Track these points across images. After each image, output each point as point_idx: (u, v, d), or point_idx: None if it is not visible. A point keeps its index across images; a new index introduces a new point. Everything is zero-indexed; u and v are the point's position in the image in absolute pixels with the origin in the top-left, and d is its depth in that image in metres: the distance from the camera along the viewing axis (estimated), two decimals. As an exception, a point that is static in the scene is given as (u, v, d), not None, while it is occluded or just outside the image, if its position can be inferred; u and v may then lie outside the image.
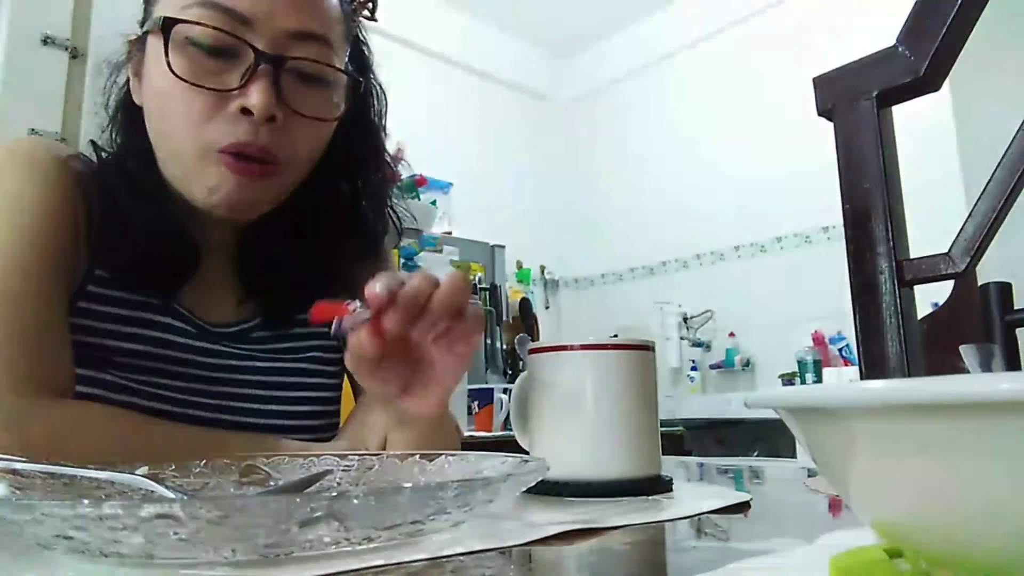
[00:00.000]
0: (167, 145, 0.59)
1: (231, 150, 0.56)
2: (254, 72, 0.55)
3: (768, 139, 3.15)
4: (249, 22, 0.55)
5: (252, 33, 0.56)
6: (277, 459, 0.46)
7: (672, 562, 0.34)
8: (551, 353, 0.54)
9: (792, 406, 0.23)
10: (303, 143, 0.59)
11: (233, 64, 0.56)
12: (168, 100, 0.57)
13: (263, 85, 0.55)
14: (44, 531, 0.27)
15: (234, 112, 0.55)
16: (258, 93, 0.55)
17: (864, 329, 0.82)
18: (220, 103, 0.56)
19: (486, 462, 0.43)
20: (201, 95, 0.55)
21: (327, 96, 0.60)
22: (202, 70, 0.55)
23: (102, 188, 0.64)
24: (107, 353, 0.61)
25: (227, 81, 0.56)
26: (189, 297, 0.67)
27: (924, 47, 0.80)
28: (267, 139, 0.56)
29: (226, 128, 0.56)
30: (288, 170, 0.60)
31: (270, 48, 0.56)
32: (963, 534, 0.20)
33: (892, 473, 0.20)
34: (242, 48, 0.55)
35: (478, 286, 3.08)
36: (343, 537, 0.28)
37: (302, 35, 0.57)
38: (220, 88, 0.55)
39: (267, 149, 0.57)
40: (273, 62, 0.56)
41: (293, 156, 0.59)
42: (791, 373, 2.90)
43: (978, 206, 0.81)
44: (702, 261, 3.47)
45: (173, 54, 0.55)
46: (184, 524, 0.25)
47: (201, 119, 0.56)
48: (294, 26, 0.57)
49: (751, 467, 0.82)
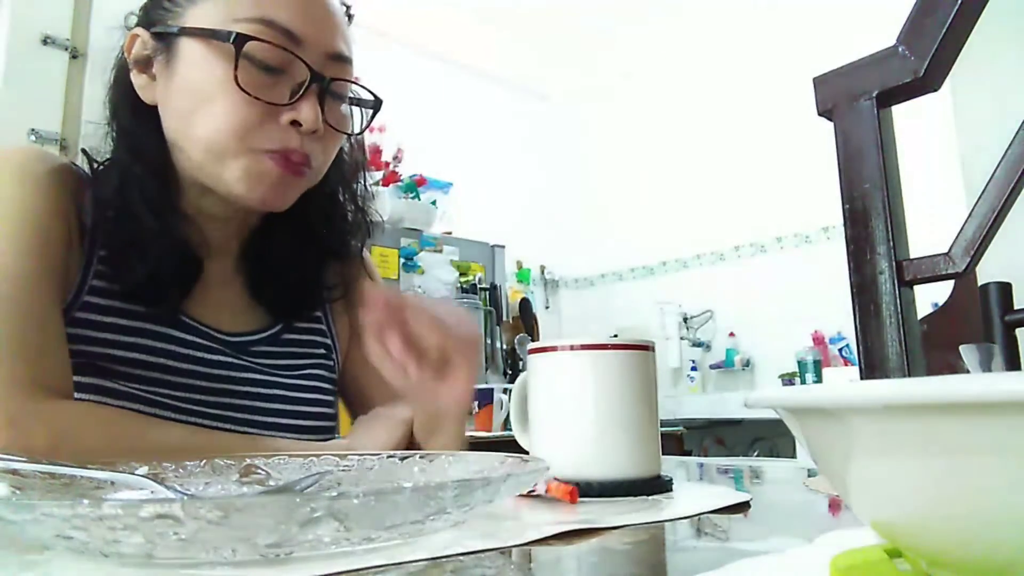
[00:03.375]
0: (210, 142, 0.60)
1: (279, 153, 0.61)
2: (306, 90, 0.60)
3: (768, 139, 3.15)
4: (300, 42, 0.60)
5: (301, 52, 0.61)
6: (277, 459, 0.46)
7: (672, 562, 0.34)
8: (551, 353, 0.54)
9: (792, 406, 0.23)
10: (330, 152, 0.66)
11: (282, 79, 0.61)
12: (214, 104, 0.59)
13: (312, 103, 0.60)
14: (44, 531, 0.27)
15: (285, 124, 0.60)
16: (308, 109, 0.60)
17: (864, 329, 0.82)
18: (272, 113, 0.60)
19: (486, 462, 0.43)
20: (255, 105, 0.59)
21: (346, 110, 0.67)
22: (256, 82, 0.59)
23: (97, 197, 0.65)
24: (108, 362, 0.62)
25: (278, 95, 0.60)
26: (192, 302, 0.68)
27: (924, 47, 0.80)
28: (310, 148, 0.62)
29: (276, 136, 0.61)
30: (316, 174, 0.65)
31: (316, 67, 0.61)
32: (963, 534, 0.20)
33: (892, 473, 0.20)
34: (294, 66, 0.61)
35: (478, 286, 3.08)
36: (343, 537, 0.28)
37: (339, 57, 0.63)
38: (274, 102, 0.60)
39: (309, 157, 0.62)
40: (318, 81, 0.61)
41: (323, 163, 0.66)
42: (791, 373, 2.90)
43: (978, 206, 0.81)
44: (702, 261, 3.47)
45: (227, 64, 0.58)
46: (184, 524, 0.25)
47: (252, 126, 0.60)
48: (334, 49, 0.63)
49: (751, 467, 0.82)
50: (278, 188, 0.62)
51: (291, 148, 0.61)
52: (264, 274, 0.73)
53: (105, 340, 0.62)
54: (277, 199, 0.63)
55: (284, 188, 0.63)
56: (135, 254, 0.63)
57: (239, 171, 0.61)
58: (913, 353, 0.78)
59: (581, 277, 3.99)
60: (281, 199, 0.64)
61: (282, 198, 0.64)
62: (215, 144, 0.60)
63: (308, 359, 0.75)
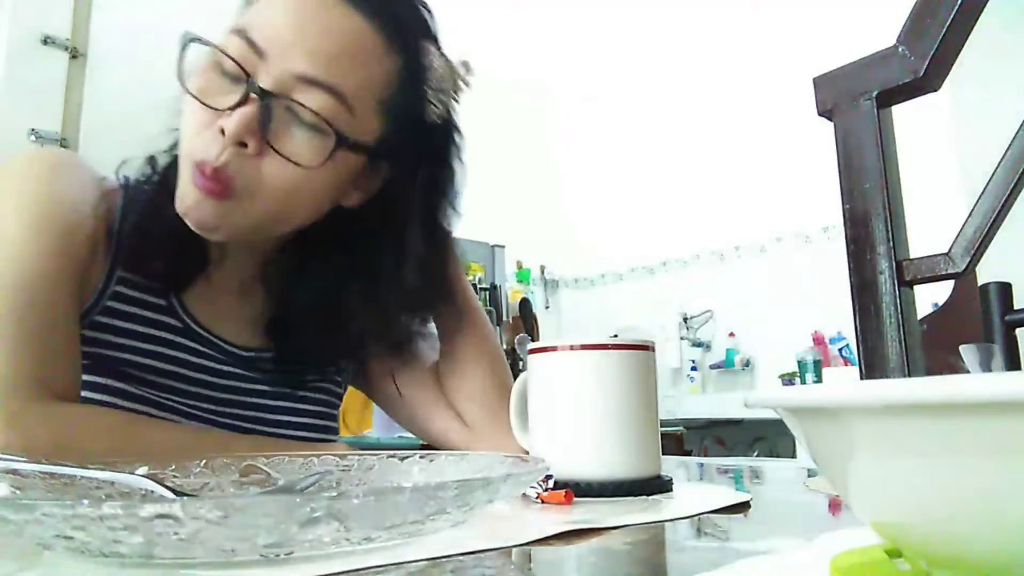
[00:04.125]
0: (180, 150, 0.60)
1: (198, 165, 0.56)
2: (244, 99, 0.56)
3: (768, 139, 3.15)
4: (262, 53, 0.56)
5: (264, 66, 0.56)
6: (277, 459, 0.46)
7: (672, 562, 0.34)
8: (551, 353, 0.54)
9: (792, 406, 0.23)
10: (273, 180, 0.57)
11: (237, 91, 0.56)
12: (185, 111, 0.59)
13: (245, 111, 0.55)
14: (44, 531, 0.27)
15: (215, 130, 0.56)
16: (236, 118, 0.55)
17: (864, 329, 0.82)
18: (211, 120, 0.56)
19: (486, 462, 0.43)
20: (200, 111, 0.57)
21: (317, 145, 0.58)
22: (210, 88, 0.57)
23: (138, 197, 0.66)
24: (124, 365, 0.63)
25: (223, 102, 0.56)
26: (207, 313, 0.69)
27: (924, 47, 0.80)
28: (228, 161, 0.56)
29: (204, 143, 0.56)
30: (249, 201, 0.58)
31: (275, 84, 0.56)
32: (963, 534, 0.20)
33: (892, 473, 0.20)
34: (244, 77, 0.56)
35: (478, 286, 3.08)
36: (343, 537, 0.28)
37: (309, 80, 0.57)
38: (214, 106, 0.56)
39: (221, 172, 0.56)
40: (261, 95, 0.56)
41: (258, 188, 0.57)
42: (791, 373, 2.90)
43: (978, 206, 0.80)
44: (702, 261, 3.47)
45: (193, 71, 0.58)
46: (184, 524, 0.25)
47: (194, 131, 0.57)
48: (302, 69, 0.56)
49: (751, 467, 0.82)
50: (196, 208, 0.57)
51: (206, 160, 0.56)
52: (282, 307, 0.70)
53: (123, 345, 0.63)
54: (202, 218, 0.58)
55: (202, 209, 0.57)
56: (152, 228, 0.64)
57: (180, 182, 0.59)
58: (913, 353, 0.78)
59: (581, 277, 3.99)
60: (207, 219, 0.58)
61: (207, 219, 0.58)
62: (181, 151, 0.60)
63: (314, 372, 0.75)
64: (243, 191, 0.57)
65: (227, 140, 0.55)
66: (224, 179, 0.56)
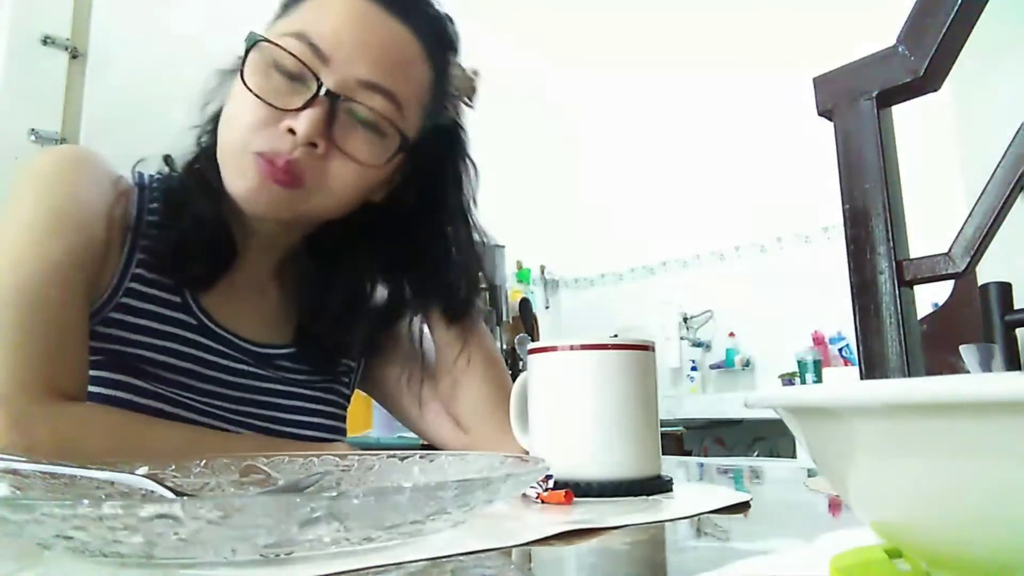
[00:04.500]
0: (222, 141, 0.63)
1: (266, 156, 0.59)
2: (312, 101, 0.59)
3: (768, 139, 3.15)
4: (327, 59, 0.60)
5: (327, 70, 0.60)
6: (277, 459, 0.46)
7: (672, 562, 0.34)
8: (551, 353, 0.54)
9: (792, 406, 0.23)
10: (337, 178, 0.62)
11: (301, 91, 0.60)
12: (236, 105, 0.62)
13: (313, 113, 0.59)
14: (44, 531, 0.27)
15: (282, 129, 0.59)
16: (306, 118, 0.59)
17: (864, 329, 0.82)
18: (275, 118, 0.60)
19: (486, 462, 0.43)
20: (262, 108, 0.60)
21: (378, 144, 0.63)
22: (271, 88, 0.60)
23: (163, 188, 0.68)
24: (139, 362, 0.64)
25: (289, 103, 0.60)
26: (224, 310, 0.69)
27: (924, 47, 0.80)
28: (300, 158, 0.60)
29: (270, 138, 0.60)
30: (315, 196, 0.62)
31: (339, 87, 0.60)
32: (963, 534, 0.20)
33: (892, 473, 0.20)
34: (311, 79, 0.60)
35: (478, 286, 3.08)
36: (343, 537, 0.28)
37: (371, 85, 0.61)
38: (280, 106, 0.60)
39: (295, 165, 0.60)
40: (330, 97, 0.59)
41: (322, 186, 0.62)
42: (791, 373, 2.90)
43: (978, 206, 0.80)
44: (702, 261, 3.47)
45: (255, 72, 0.60)
46: (184, 524, 0.25)
47: (254, 126, 0.60)
48: (366, 76, 0.61)
49: (751, 467, 0.82)
50: (260, 191, 0.60)
51: (278, 152, 0.59)
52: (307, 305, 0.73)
53: (137, 342, 0.64)
54: (260, 205, 0.61)
55: (267, 194, 0.60)
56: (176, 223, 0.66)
57: (232, 170, 0.62)
58: (913, 353, 0.78)
59: (581, 277, 3.99)
60: (265, 206, 0.62)
61: (267, 206, 0.61)
62: (224, 142, 0.63)
63: (328, 372, 0.77)
64: (312, 185, 0.61)
65: (300, 140, 0.59)
66: (297, 172, 0.60)
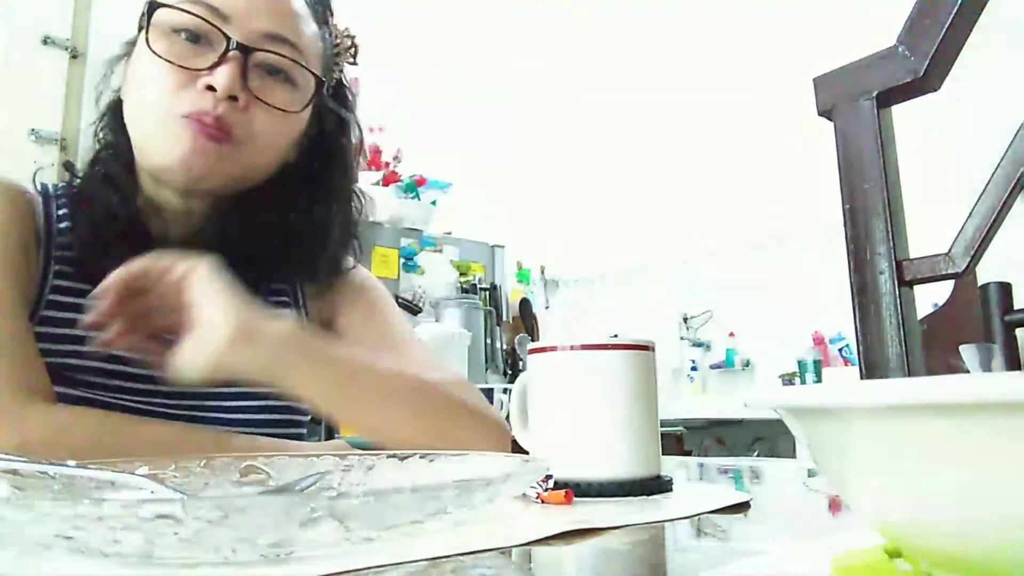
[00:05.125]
0: (138, 116, 0.63)
1: (193, 116, 0.60)
2: (223, 57, 0.60)
3: (768, 139, 3.15)
4: (226, 17, 0.61)
5: (229, 27, 0.61)
6: (277, 459, 0.46)
7: (672, 562, 0.34)
8: (551, 353, 0.54)
9: (792, 406, 0.23)
10: (263, 129, 0.63)
11: (209, 51, 0.61)
12: (147, 77, 0.62)
13: (229, 67, 0.60)
14: (44, 531, 0.27)
15: (201, 88, 0.60)
16: (223, 73, 0.60)
17: (864, 329, 0.82)
18: (191, 80, 0.60)
19: (486, 462, 0.43)
20: (175, 72, 0.60)
21: (292, 93, 0.65)
22: (179, 51, 0.61)
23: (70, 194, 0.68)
24: (68, 371, 0.62)
25: (199, 63, 0.61)
26: None
27: (924, 47, 0.80)
28: (225, 112, 0.60)
29: (192, 98, 0.60)
30: (246, 150, 0.63)
31: (246, 41, 0.61)
32: (963, 534, 0.20)
33: (892, 473, 0.20)
34: (217, 37, 0.61)
35: (478, 286, 3.08)
36: (343, 537, 0.28)
37: (274, 37, 0.63)
38: (191, 67, 0.60)
39: (223, 120, 0.60)
40: (241, 50, 0.61)
41: (251, 137, 0.63)
42: (791, 373, 2.90)
43: (978, 206, 0.80)
44: (702, 261, 3.47)
45: (156, 38, 0.61)
46: (184, 524, 0.25)
47: (172, 90, 0.60)
48: (267, 27, 0.63)
49: (751, 467, 0.82)
50: (198, 155, 0.60)
51: (204, 110, 0.60)
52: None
53: (64, 351, 0.62)
54: (199, 166, 0.61)
55: (205, 155, 0.60)
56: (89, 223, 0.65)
57: (162, 140, 0.61)
58: (913, 353, 0.78)
59: (581, 277, 3.99)
60: (204, 167, 0.61)
61: (205, 166, 0.61)
62: (142, 118, 0.63)
63: None
64: (241, 139, 0.62)
65: (220, 94, 0.59)
66: (226, 127, 0.61)
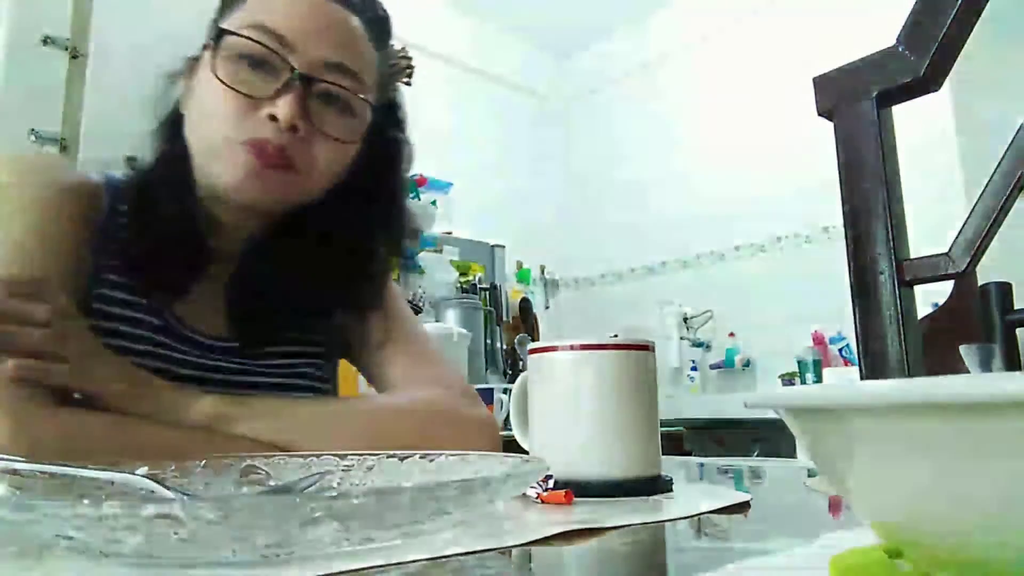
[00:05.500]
0: (201, 139, 0.64)
1: (254, 143, 0.61)
2: (286, 87, 0.61)
3: (768, 139, 3.15)
4: (290, 46, 0.62)
5: (293, 56, 0.62)
6: (277, 459, 0.46)
7: (672, 562, 0.34)
8: (551, 353, 0.54)
9: (792, 406, 0.23)
10: (321, 157, 0.64)
11: (271, 78, 0.62)
12: (210, 101, 0.63)
13: (291, 98, 0.61)
14: (44, 531, 0.27)
15: (263, 117, 0.61)
16: (285, 104, 0.61)
17: (864, 329, 0.82)
18: (253, 108, 0.61)
19: (486, 462, 0.43)
20: (237, 98, 0.61)
21: (349, 122, 0.66)
22: (243, 78, 0.62)
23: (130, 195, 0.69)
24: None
25: (262, 91, 0.62)
26: (187, 309, 0.69)
27: (924, 47, 0.80)
28: (287, 143, 0.62)
29: (254, 126, 0.61)
30: (303, 177, 0.64)
31: (308, 70, 0.62)
32: (963, 534, 0.20)
33: (892, 473, 0.20)
34: (281, 66, 0.62)
35: (478, 286, 3.08)
36: (343, 537, 0.28)
37: (335, 66, 0.64)
38: (255, 95, 0.61)
39: (284, 149, 0.62)
40: (303, 80, 0.62)
41: (310, 167, 0.64)
42: (791, 373, 2.90)
43: (978, 206, 0.80)
44: (702, 261, 3.47)
45: (221, 64, 0.62)
46: (184, 524, 0.25)
47: (235, 117, 0.61)
48: (329, 57, 0.64)
49: (751, 467, 0.82)
50: (256, 180, 0.62)
51: (265, 138, 0.61)
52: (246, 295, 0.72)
53: (108, 346, 0.63)
54: (257, 191, 0.63)
55: (264, 181, 0.62)
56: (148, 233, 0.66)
57: (222, 164, 0.62)
58: (913, 353, 0.78)
59: (581, 277, 3.99)
60: (261, 191, 0.63)
61: (262, 190, 0.63)
62: (203, 139, 0.64)
63: (299, 357, 0.76)
64: (299, 168, 0.63)
65: (283, 124, 0.61)
66: (286, 156, 0.62)
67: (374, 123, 0.70)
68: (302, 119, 0.62)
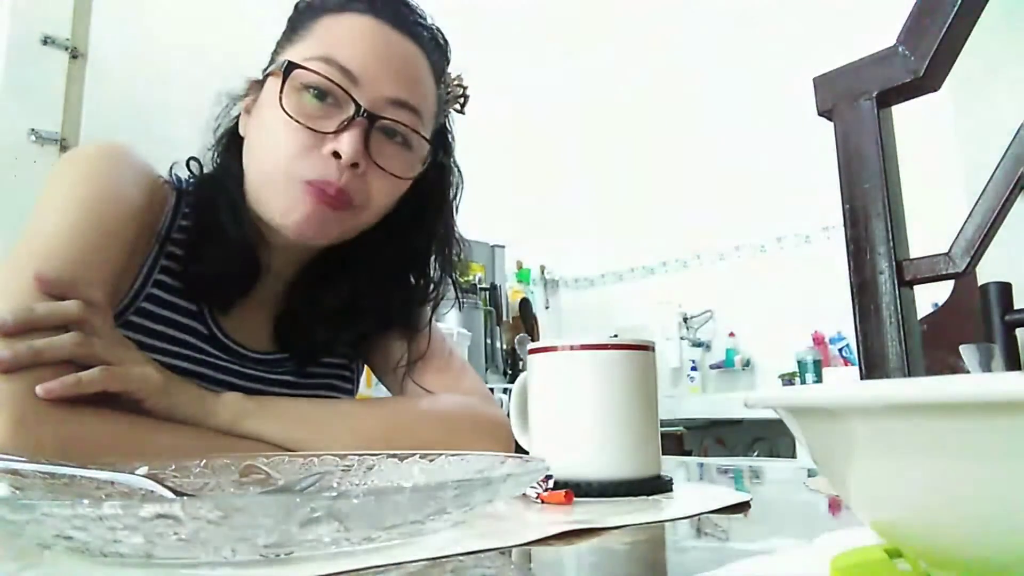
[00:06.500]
0: (261, 169, 0.65)
1: (316, 184, 0.61)
2: (350, 123, 0.62)
3: (768, 139, 3.15)
4: (357, 81, 0.63)
5: (357, 90, 0.63)
6: (277, 459, 0.46)
7: (672, 562, 0.34)
8: (551, 353, 0.54)
9: (792, 406, 0.23)
10: (377, 193, 0.65)
11: (335, 113, 0.62)
12: (273, 132, 0.63)
13: (354, 135, 0.61)
14: (44, 531, 0.27)
15: (326, 153, 0.61)
16: (349, 141, 0.61)
17: (864, 329, 0.82)
18: (316, 143, 0.62)
19: (486, 462, 0.43)
20: (302, 132, 0.62)
21: (407, 158, 0.67)
22: (307, 112, 0.62)
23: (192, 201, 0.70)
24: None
25: (326, 126, 0.62)
26: (231, 323, 0.71)
27: (924, 47, 0.80)
28: (347, 182, 0.62)
29: (316, 164, 0.61)
30: (361, 213, 0.65)
31: (371, 106, 0.63)
32: (963, 534, 0.20)
33: (892, 473, 0.20)
34: (345, 100, 0.62)
35: (478, 286, 3.08)
36: (343, 537, 0.28)
37: (398, 102, 0.64)
38: (318, 130, 0.62)
39: (345, 191, 0.62)
40: (367, 117, 0.62)
41: (367, 202, 0.65)
42: (791, 373, 2.90)
43: (978, 206, 0.81)
44: (702, 261, 3.47)
45: (288, 95, 0.62)
46: (184, 524, 0.25)
47: (298, 153, 0.62)
48: (393, 93, 0.64)
49: (751, 467, 0.82)
50: (312, 220, 0.62)
51: (328, 179, 0.61)
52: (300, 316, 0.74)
53: (153, 347, 0.65)
54: (312, 231, 0.63)
55: (320, 221, 0.63)
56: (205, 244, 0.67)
57: (279, 199, 0.63)
58: (913, 353, 0.78)
59: (581, 277, 3.99)
60: (317, 232, 0.64)
61: (318, 231, 0.64)
62: (262, 169, 0.64)
63: (329, 367, 0.79)
64: (358, 205, 0.64)
65: (345, 162, 0.61)
66: (346, 196, 0.62)
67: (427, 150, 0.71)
68: (363, 156, 0.62)
